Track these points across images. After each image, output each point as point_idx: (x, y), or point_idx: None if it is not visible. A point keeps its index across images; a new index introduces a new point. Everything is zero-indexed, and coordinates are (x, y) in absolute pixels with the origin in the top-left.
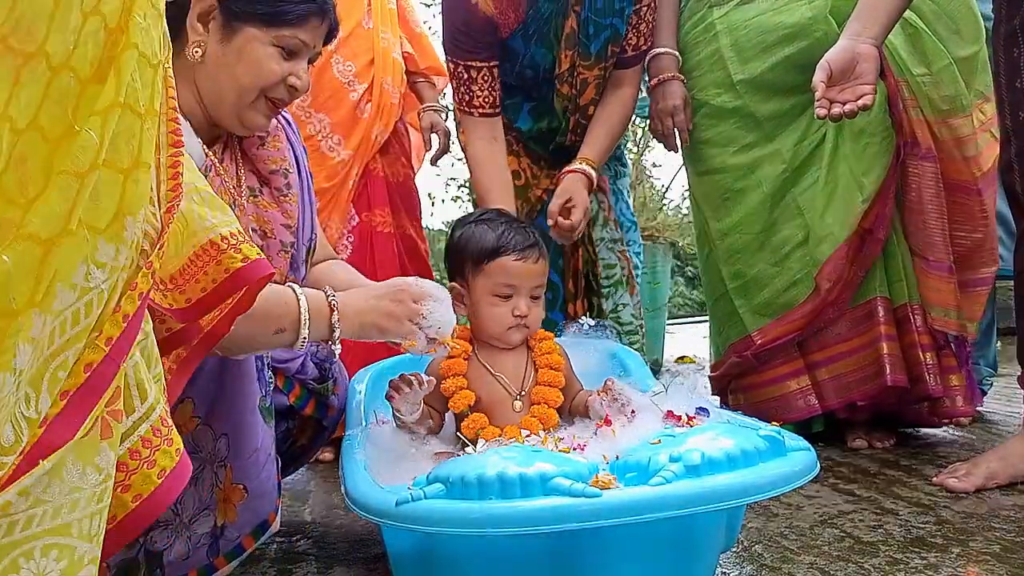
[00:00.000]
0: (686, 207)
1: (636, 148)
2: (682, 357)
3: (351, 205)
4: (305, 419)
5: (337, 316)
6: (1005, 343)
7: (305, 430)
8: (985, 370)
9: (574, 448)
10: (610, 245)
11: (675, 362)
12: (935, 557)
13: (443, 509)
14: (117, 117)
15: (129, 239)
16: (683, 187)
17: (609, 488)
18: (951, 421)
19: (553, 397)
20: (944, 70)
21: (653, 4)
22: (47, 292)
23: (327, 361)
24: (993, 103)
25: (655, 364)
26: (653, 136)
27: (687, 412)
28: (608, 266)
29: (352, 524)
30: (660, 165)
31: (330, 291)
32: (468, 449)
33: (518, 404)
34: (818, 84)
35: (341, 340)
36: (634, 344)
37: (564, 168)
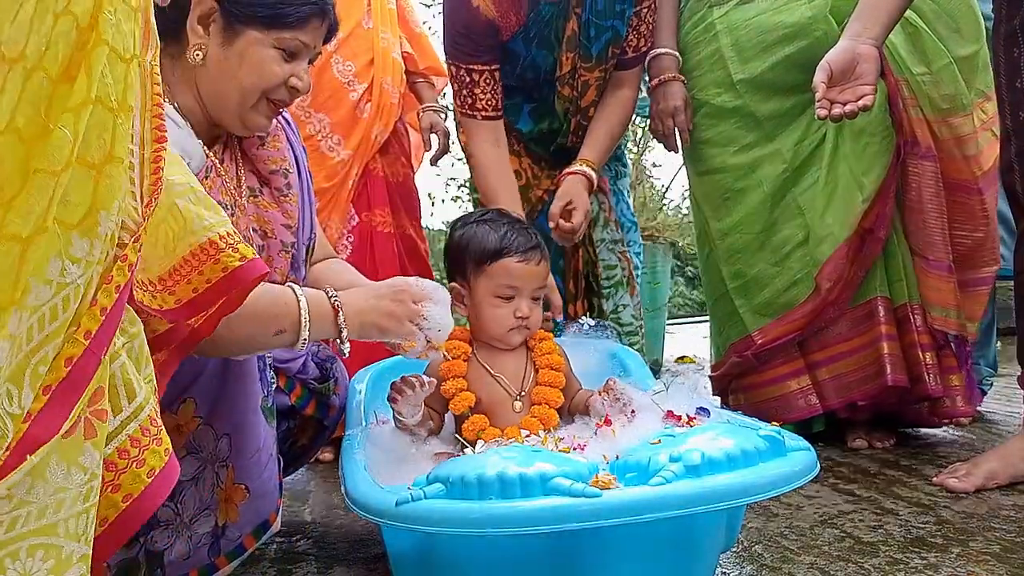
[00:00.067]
0: (686, 207)
1: (636, 148)
2: (682, 357)
3: (351, 205)
4: (306, 419)
5: (343, 316)
6: (1005, 343)
7: (306, 430)
8: (985, 370)
9: (574, 448)
10: (611, 246)
11: (675, 362)
12: (935, 557)
13: (443, 509)
14: (89, 113)
15: (103, 233)
16: (683, 187)
17: (609, 488)
18: (951, 421)
19: (553, 397)
20: (944, 69)
21: (653, 5)
22: (23, 289)
23: (328, 361)
24: (994, 102)
25: (655, 364)
26: (653, 136)
27: (687, 412)
28: (608, 267)
29: (352, 524)
30: (660, 165)
31: (332, 291)
32: (467, 450)
33: (518, 404)
34: (818, 85)
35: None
36: (634, 345)
37: (565, 169)
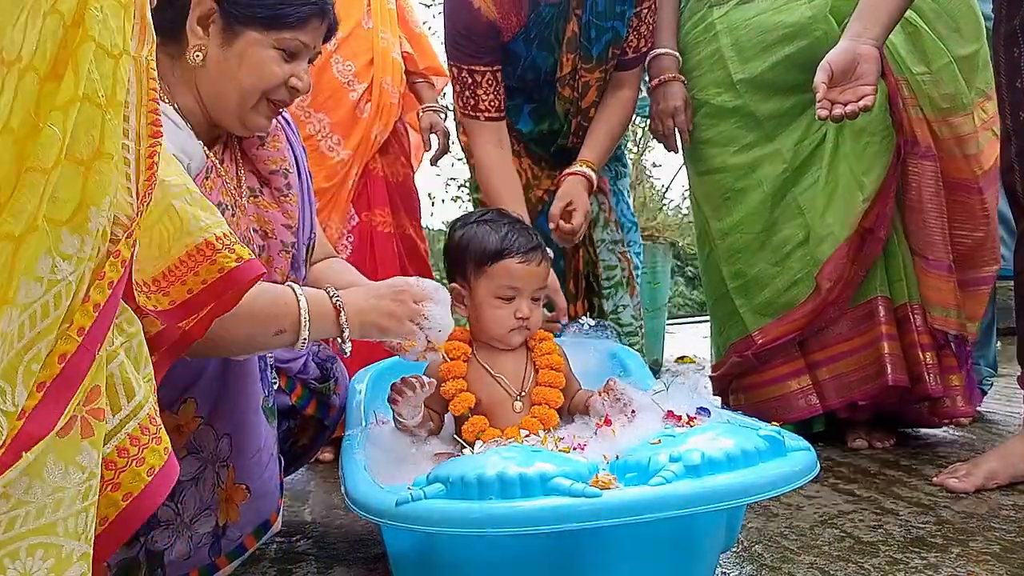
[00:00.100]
0: (686, 207)
1: (636, 148)
2: (682, 357)
3: (351, 205)
4: (307, 419)
5: (345, 316)
6: (1005, 343)
7: (306, 430)
8: (985, 370)
9: (574, 448)
10: (611, 246)
11: (675, 362)
12: (935, 557)
13: (443, 509)
14: (77, 110)
15: (94, 229)
16: (683, 187)
17: (609, 488)
18: (951, 421)
19: (554, 397)
20: (944, 68)
21: (653, 6)
22: (14, 287)
23: (328, 361)
24: (995, 101)
25: (655, 364)
26: (653, 137)
27: (687, 412)
28: (609, 267)
29: (352, 524)
30: (660, 165)
31: (333, 290)
32: (465, 450)
33: (518, 405)
34: (819, 85)
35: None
36: (634, 345)
37: (565, 170)
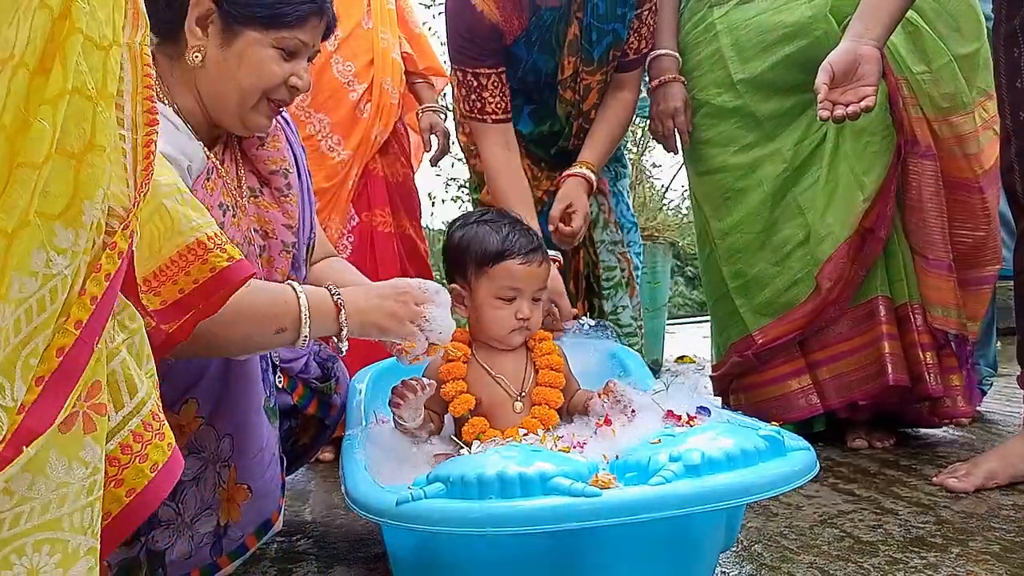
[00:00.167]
0: (686, 207)
1: (636, 149)
2: (682, 357)
3: (351, 205)
4: (308, 418)
5: (345, 314)
6: (1005, 343)
7: (307, 429)
8: (985, 370)
9: (573, 446)
10: (611, 247)
11: (675, 362)
12: (935, 557)
13: (443, 508)
14: (67, 104)
15: (88, 222)
16: (683, 187)
17: (609, 488)
18: (951, 421)
19: (554, 398)
20: (944, 68)
21: (654, 7)
22: (7, 283)
23: (329, 360)
24: (996, 101)
25: (655, 364)
26: (653, 137)
27: (688, 412)
28: (608, 268)
29: (352, 524)
30: (660, 165)
31: (334, 288)
32: (464, 450)
33: (519, 405)
34: (821, 86)
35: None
36: (633, 346)
37: (565, 172)
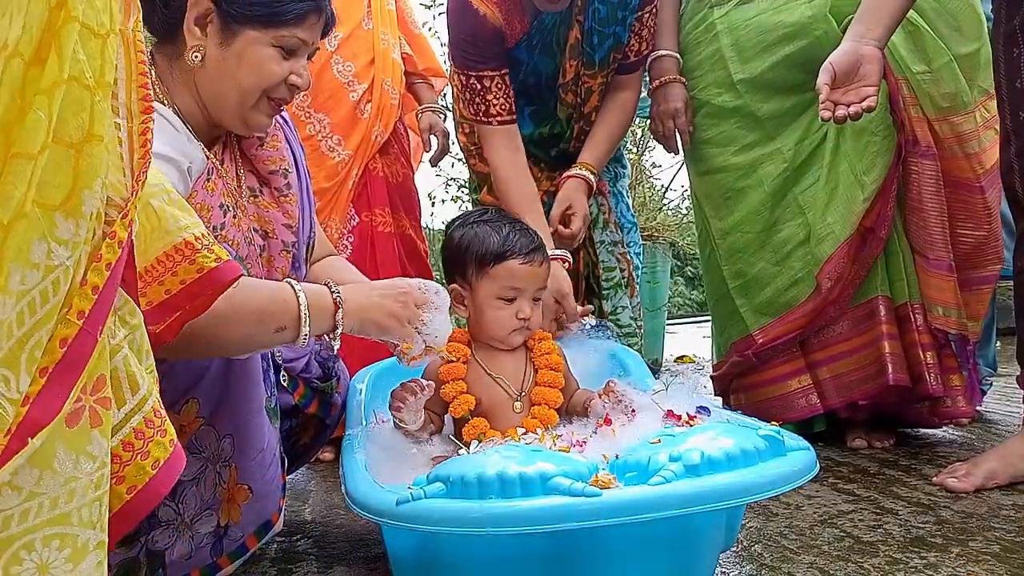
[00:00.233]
0: (686, 207)
1: (636, 149)
2: (682, 357)
3: (351, 205)
4: (308, 417)
5: (342, 312)
6: (1005, 343)
7: (308, 428)
8: (985, 370)
9: (572, 445)
10: (610, 248)
11: (675, 362)
12: (935, 557)
13: (443, 508)
14: (64, 93)
15: (88, 212)
16: (683, 187)
17: (609, 488)
18: (951, 421)
19: (553, 397)
20: (944, 67)
21: (654, 9)
22: (5, 275)
23: (330, 360)
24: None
25: (655, 364)
26: (654, 137)
27: (687, 411)
28: (608, 269)
29: (352, 524)
30: (660, 165)
31: (333, 286)
32: (462, 451)
33: (518, 405)
34: (822, 86)
35: (340, 336)
36: (632, 346)
37: (564, 173)
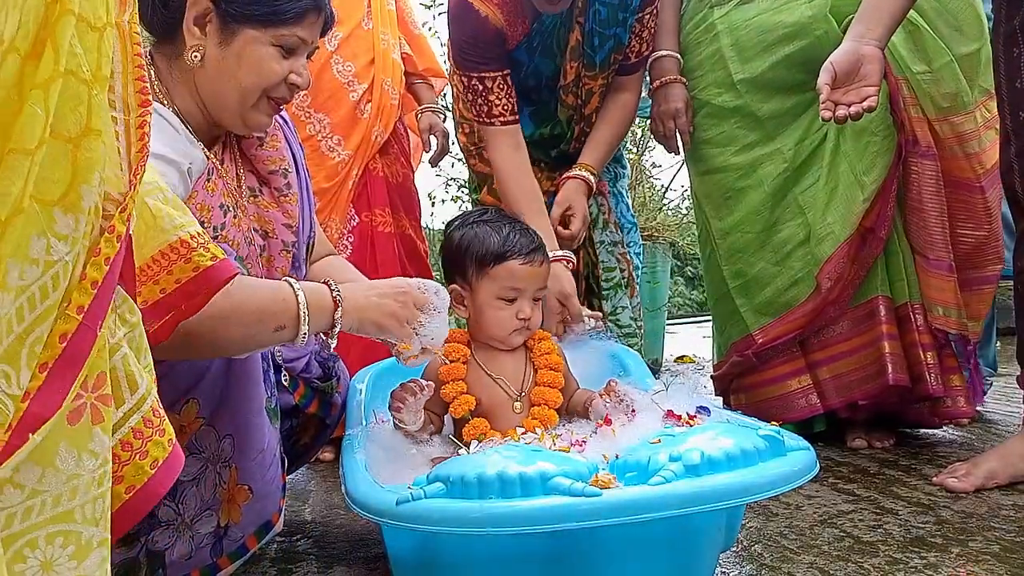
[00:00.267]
0: (686, 207)
1: (636, 149)
2: (682, 357)
3: (351, 205)
4: (308, 417)
5: (341, 311)
6: (1005, 343)
7: (308, 428)
8: (985, 370)
9: (572, 445)
10: (610, 248)
11: (675, 362)
12: (935, 557)
13: (443, 508)
14: (60, 87)
15: (87, 207)
16: (683, 187)
17: (609, 487)
18: (951, 421)
19: (553, 398)
20: (945, 67)
21: (655, 10)
22: (3, 271)
23: (331, 360)
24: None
25: (655, 364)
26: (655, 138)
27: (687, 411)
28: (608, 269)
29: (352, 524)
30: (660, 165)
31: (334, 284)
32: (462, 451)
33: (518, 405)
34: (823, 86)
35: (339, 334)
36: (633, 346)
37: (564, 174)
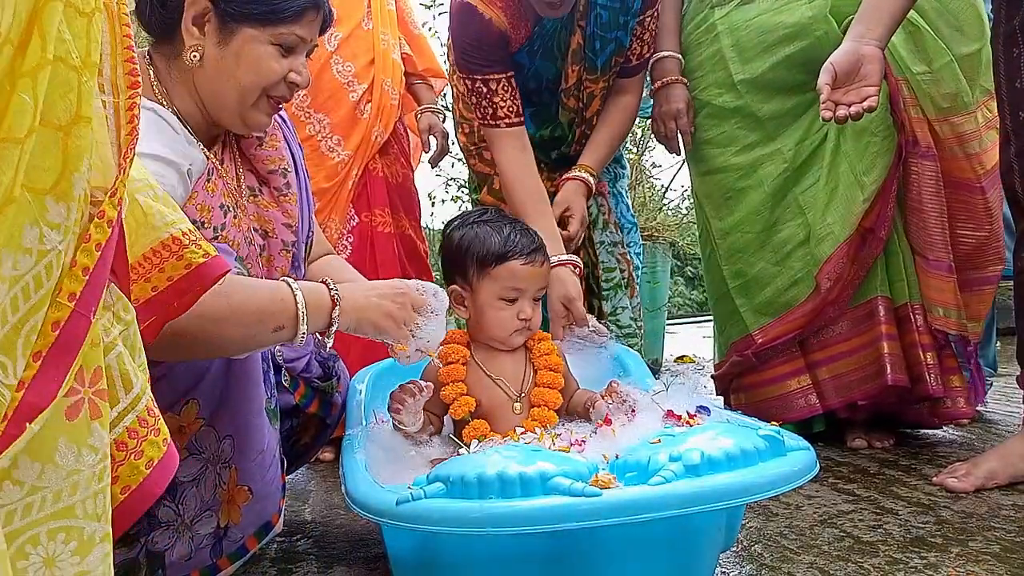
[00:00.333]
0: (686, 207)
1: (636, 149)
2: (682, 357)
3: (351, 205)
4: (309, 417)
5: (339, 311)
6: (1005, 343)
7: (308, 428)
8: (985, 370)
9: (572, 445)
10: (610, 248)
11: (675, 362)
12: (935, 557)
13: (443, 508)
14: (48, 74)
15: (78, 195)
16: (683, 187)
17: (609, 487)
18: (951, 422)
19: (553, 398)
20: (945, 68)
21: (656, 12)
22: None
23: (331, 359)
24: None
25: (655, 364)
26: (656, 138)
27: (687, 411)
28: (608, 269)
29: (352, 524)
30: (660, 166)
31: (332, 284)
32: (462, 451)
33: (518, 406)
34: (823, 87)
35: (336, 334)
36: (633, 347)
37: (564, 175)
